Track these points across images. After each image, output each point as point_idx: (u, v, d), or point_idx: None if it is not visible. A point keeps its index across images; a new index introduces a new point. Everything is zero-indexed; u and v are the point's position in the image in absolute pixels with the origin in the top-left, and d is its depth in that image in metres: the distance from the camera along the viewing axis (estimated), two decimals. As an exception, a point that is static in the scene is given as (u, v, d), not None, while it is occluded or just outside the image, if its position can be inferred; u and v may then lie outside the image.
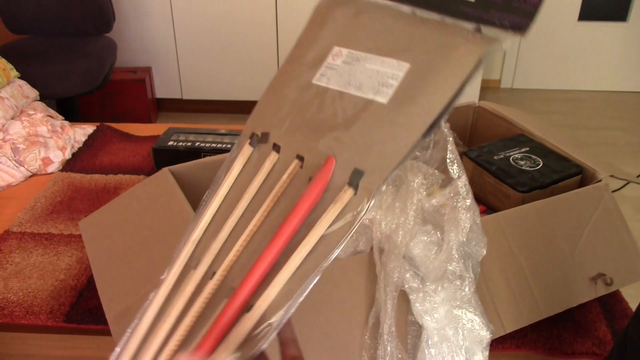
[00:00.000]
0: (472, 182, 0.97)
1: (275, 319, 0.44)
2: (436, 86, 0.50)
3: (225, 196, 0.52)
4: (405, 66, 0.51)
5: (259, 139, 0.53)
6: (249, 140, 0.54)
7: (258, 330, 0.43)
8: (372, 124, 0.50)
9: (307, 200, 0.48)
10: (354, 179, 0.48)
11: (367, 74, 0.52)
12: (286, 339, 0.46)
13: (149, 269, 0.70)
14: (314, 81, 0.53)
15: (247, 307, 0.44)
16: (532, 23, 0.49)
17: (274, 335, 0.43)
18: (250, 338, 0.43)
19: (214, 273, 0.48)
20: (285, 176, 0.51)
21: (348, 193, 0.47)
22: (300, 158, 0.51)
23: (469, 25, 0.51)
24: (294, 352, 0.44)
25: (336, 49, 0.54)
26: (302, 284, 0.45)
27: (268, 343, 0.43)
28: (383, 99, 0.51)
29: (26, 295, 0.86)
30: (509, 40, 0.51)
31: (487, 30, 0.51)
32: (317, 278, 0.46)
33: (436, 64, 0.51)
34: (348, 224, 0.47)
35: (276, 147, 0.52)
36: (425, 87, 0.50)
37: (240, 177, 0.53)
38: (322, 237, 0.47)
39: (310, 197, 0.48)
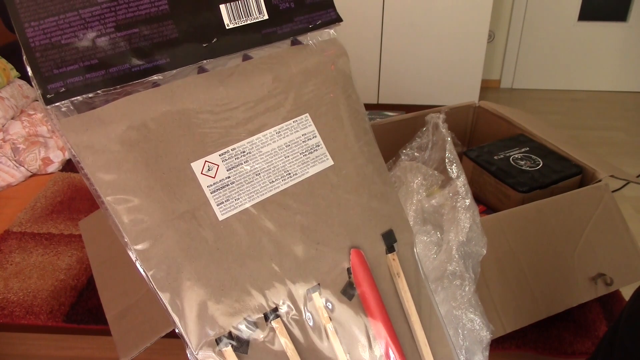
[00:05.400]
0: (472, 182, 0.97)
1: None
2: (347, 108, 0.45)
3: None
4: (306, 117, 0.42)
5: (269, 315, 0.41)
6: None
7: None
8: (344, 190, 0.43)
9: (372, 298, 0.44)
10: (388, 242, 0.45)
11: (279, 156, 0.40)
12: None
13: (148, 269, 0.70)
14: (222, 217, 0.37)
15: None
16: (335, 8, 0.45)
17: None
18: None
19: None
20: (324, 316, 0.42)
21: (395, 259, 0.45)
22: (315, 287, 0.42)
23: (285, 44, 0.44)
24: None
25: (197, 163, 0.37)
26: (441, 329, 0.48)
27: None
28: (325, 162, 0.42)
29: (26, 295, 0.86)
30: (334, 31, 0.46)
31: (311, 35, 0.44)
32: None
33: (324, 92, 0.44)
34: (414, 271, 0.47)
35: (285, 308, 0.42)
36: (341, 116, 0.44)
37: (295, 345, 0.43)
38: (415, 300, 0.46)
39: (370, 294, 0.44)
